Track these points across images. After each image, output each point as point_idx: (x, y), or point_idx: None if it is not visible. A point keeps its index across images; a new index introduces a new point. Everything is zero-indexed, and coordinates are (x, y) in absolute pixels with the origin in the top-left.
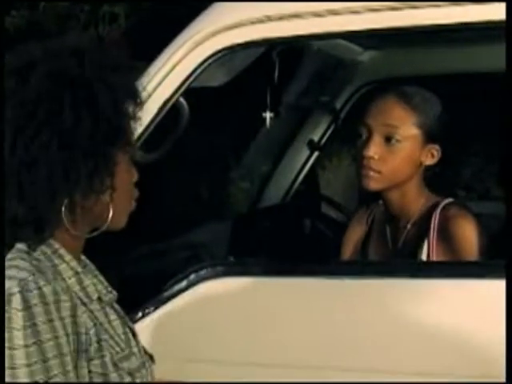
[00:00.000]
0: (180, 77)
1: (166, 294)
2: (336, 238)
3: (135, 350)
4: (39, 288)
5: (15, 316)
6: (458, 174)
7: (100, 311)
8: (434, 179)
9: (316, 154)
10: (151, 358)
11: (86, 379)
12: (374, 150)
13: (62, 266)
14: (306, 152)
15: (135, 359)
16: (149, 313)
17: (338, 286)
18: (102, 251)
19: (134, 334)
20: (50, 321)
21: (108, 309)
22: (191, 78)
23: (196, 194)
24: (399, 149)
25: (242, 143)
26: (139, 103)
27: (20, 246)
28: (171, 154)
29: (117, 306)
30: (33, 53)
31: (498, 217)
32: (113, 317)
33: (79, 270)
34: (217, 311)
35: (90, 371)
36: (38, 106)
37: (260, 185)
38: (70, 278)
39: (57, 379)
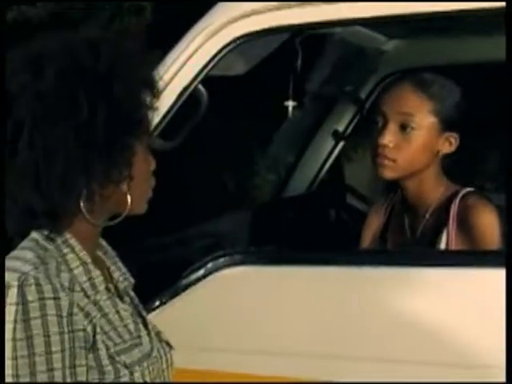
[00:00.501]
0: (197, 65)
1: (183, 282)
2: (359, 228)
3: (145, 339)
4: (38, 284)
5: (9, 309)
6: (483, 165)
7: (107, 301)
8: (458, 170)
9: (341, 144)
10: (168, 344)
11: (84, 376)
12: (389, 138)
13: (70, 256)
14: (331, 142)
15: (138, 351)
16: (165, 302)
17: (355, 274)
18: (122, 239)
19: (146, 323)
20: (44, 317)
21: (117, 299)
22: (209, 67)
23: (221, 184)
24: (415, 137)
25: (267, 133)
26: (156, 93)
27: (34, 234)
28: (195, 143)
29: (132, 294)
30: (47, 46)
31: None
32: (122, 306)
33: (88, 260)
34: (233, 300)
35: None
36: (54, 100)
37: (285, 175)
38: (76, 268)
39: (42, 375)
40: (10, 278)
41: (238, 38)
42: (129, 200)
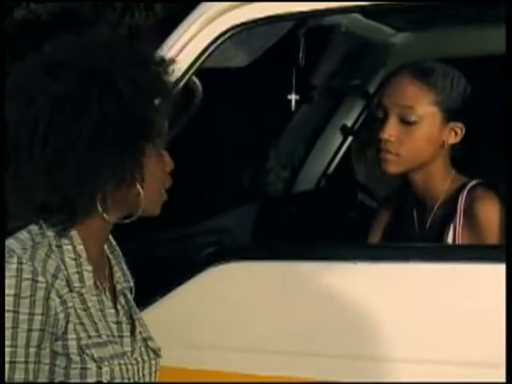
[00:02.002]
0: (192, 55)
1: (176, 279)
2: (368, 224)
3: (126, 340)
4: (20, 263)
5: None
6: (495, 160)
7: (92, 296)
8: (470, 166)
9: (350, 139)
10: (155, 353)
11: (47, 359)
12: (390, 132)
13: (67, 247)
14: (340, 138)
15: (111, 348)
16: (158, 298)
17: (349, 270)
18: (125, 235)
19: (134, 327)
20: (17, 295)
21: (105, 297)
22: (204, 57)
23: (228, 179)
24: (416, 129)
25: (276, 128)
26: (168, 97)
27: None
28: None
29: (129, 296)
30: (64, 48)
31: None
32: (108, 304)
33: (83, 255)
34: (226, 297)
35: (54, 351)
36: (68, 102)
37: (293, 171)
38: (69, 259)
39: (6, 350)
40: None
41: (232, 28)
42: (141, 202)
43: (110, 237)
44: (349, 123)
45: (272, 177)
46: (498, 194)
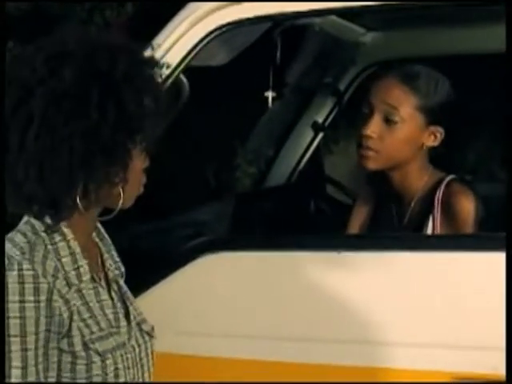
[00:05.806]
0: (180, 54)
1: (161, 270)
2: (338, 219)
3: (123, 329)
4: (20, 269)
5: None
6: (464, 157)
7: (90, 290)
8: (441, 162)
9: (320, 135)
10: (149, 334)
11: (55, 357)
12: (373, 128)
13: (61, 244)
14: (310, 134)
15: (113, 340)
16: (144, 289)
17: (332, 259)
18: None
19: (128, 313)
20: (22, 302)
21: (101, 289)
22: (191, 55)
23: (200, 176)
24: (398, 129)
25: (248, 125)
26: (160, 100)
27: (33, 220)
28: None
29: (121, 282)
30: (67, 43)
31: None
32: (104, 295)
33: (77, 250)
34: (212, 286)
35: (60, 349)
36: (67, 99)
37: (265, 166)
38: (65, 257)
39: (15, 354)
40: None
41: (220, 28)
42: (121, 200)
43: (99, 225)
44: (320, 120)
45: (243, 172)
46: (472, 189)
